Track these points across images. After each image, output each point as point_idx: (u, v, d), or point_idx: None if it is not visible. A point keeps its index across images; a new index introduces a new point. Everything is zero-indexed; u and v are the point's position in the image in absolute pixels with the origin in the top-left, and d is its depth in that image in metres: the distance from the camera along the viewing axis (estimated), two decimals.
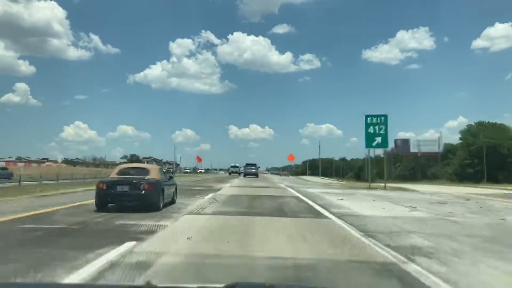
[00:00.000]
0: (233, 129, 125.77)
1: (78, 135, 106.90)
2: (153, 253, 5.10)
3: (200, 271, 4.47)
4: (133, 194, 9.56)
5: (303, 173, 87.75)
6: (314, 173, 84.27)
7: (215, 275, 4.29)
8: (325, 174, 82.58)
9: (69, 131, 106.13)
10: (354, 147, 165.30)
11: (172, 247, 5.70)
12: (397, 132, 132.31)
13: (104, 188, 9.69)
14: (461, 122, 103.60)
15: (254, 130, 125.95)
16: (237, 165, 60.56)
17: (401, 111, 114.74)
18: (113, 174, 10.56)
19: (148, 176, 10.19)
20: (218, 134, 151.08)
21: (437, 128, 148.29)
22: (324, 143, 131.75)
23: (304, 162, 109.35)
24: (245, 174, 45.10)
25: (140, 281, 3.85)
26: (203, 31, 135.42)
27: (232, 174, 55.96)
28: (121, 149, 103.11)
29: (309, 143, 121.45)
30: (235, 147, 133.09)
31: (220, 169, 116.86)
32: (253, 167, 45.32)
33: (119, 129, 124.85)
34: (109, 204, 9.82)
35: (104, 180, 10.39)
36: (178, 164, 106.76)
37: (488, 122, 51.47)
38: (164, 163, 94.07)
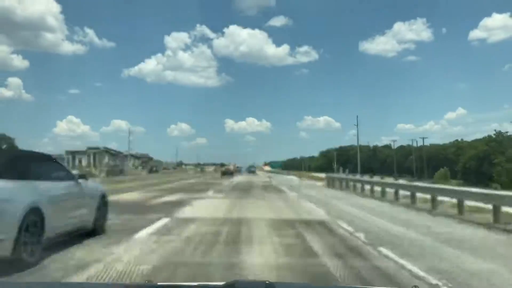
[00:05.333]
0: (230, 123, 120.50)
1: (71, 130, 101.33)
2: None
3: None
4: (229, 172, 45.02)
5: (324, 170, 57.74)
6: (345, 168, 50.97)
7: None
8: (365, 170, 52.90)
9: (62, 126, 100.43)
10: (354, 140, 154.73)
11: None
12: (396, 124, 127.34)
13: (222, 171, 43.16)
14: (460, 113, 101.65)
15: (251, 124, 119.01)
16: (239, 165, 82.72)
17: (400, 103, 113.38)
18: (223, 168, 43.16)
19: (232, 167, 42.48)
20: (214, 128, 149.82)
21: (436, 120, 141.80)
22: (322, 136, 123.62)
23: (325, 154, 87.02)
24: (249, 172, 69.24)
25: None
26: (198, 24, 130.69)
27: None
28: (115, 144, 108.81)
29: (308, 136, 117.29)
30: (232, 141, 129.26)
31: (204, 164, 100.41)
32: (253, 168, 75.60)
33: (113, 124, 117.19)
34: (224, 174, 42.12)
35: (222, 169, 43.97)
36: (151, 158, 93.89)
37: None
38: (126, 155, 75.90)
